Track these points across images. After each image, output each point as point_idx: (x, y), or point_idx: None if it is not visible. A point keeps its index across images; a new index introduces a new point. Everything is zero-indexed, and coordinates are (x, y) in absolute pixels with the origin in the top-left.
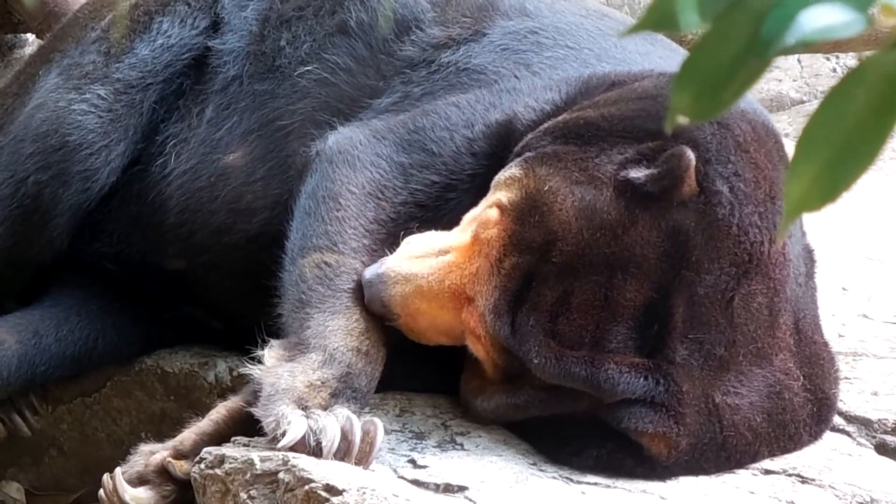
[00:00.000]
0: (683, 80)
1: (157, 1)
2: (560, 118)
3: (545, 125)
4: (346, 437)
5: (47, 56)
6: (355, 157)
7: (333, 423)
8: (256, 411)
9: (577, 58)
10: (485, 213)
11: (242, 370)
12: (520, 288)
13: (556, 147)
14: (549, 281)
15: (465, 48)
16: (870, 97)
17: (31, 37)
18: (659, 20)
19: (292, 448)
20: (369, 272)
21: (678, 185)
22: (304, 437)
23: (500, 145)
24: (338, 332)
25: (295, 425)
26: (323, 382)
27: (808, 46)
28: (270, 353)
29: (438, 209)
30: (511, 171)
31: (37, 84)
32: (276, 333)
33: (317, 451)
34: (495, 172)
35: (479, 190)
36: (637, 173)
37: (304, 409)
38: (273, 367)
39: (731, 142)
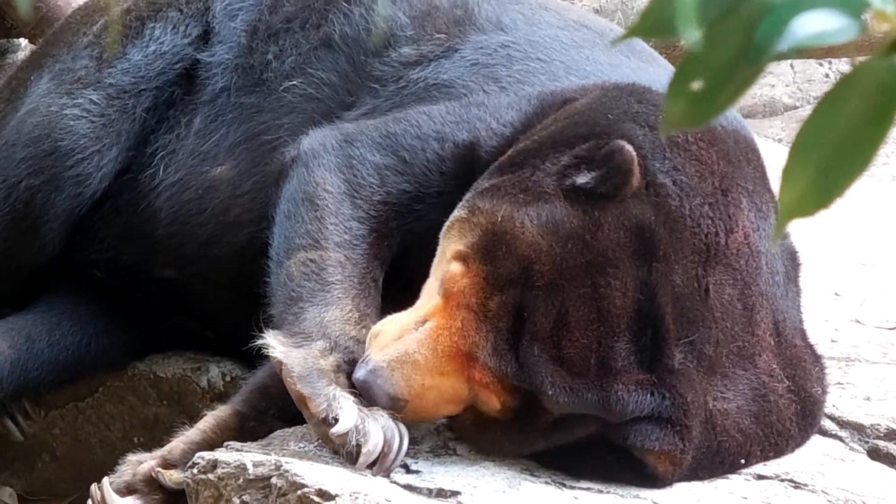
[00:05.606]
0: (677, 87)
1: (150, 7)
2: (499, 160)
3: (487, 171)
4: (386, 446)
5: (39, 61)
6: (329, 160)
7: (378, 430)
8: (303, 388)
9: (545, 70)
10: (447, 271)
11: (261, 344)
12: (513, 324)
13: (492, 181)
14: (540, 306)
15: (436, 64)
16: (863, 103)
17: (23, 42)
18: (653, 27)
19: (335, 439)
20: (360, 373)
21: (628, 179)
22: (349, 431)
23: (466, 168)
24: (335, 322)
25: (347, 413)
26: (338, 367)
27: (802, 52)
28: (274, 340)
29: (404, 217)
30: (455, 215)
31: (29, 89)
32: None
33: (352, 452)
34: (460, 194)
35: (443, 208)
36: (582, 178)
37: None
38: (289, 349)
39: (664, 140)
